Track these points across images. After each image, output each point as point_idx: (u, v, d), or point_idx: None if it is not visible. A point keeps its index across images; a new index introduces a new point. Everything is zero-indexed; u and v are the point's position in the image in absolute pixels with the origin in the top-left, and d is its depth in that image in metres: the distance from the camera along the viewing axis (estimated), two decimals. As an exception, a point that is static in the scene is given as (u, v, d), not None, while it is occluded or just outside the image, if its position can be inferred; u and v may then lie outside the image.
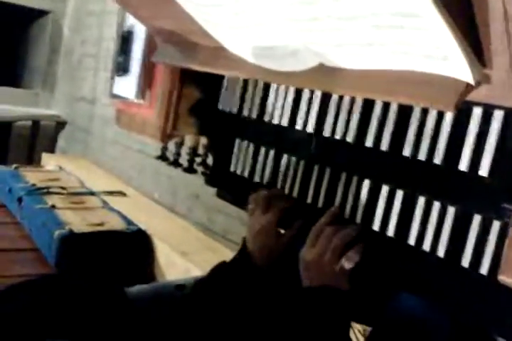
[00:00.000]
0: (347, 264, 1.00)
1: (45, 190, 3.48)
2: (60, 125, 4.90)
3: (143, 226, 3.00)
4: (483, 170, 0.84)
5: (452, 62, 0.68)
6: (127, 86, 1.49)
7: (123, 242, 2.95)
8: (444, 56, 0.69)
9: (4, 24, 4.69)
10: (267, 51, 0.95)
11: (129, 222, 3.04)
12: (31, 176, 3.74)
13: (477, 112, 0.84)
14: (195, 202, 3.08)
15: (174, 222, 3.17)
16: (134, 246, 2.95)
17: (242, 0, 0.85)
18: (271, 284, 1.15)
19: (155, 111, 1.43)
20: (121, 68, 1.51)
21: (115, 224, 3.05)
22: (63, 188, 3.55)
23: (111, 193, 3.59)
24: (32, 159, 4.60)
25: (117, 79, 1.56)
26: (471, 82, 0.68)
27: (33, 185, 3.54)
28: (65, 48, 4.94)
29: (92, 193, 3.57)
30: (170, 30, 1.18)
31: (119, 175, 3.95)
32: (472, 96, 0.71)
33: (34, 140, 4.74)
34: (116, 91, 1.58)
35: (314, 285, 1.01)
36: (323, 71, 0.89)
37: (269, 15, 0.85)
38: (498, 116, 0.82)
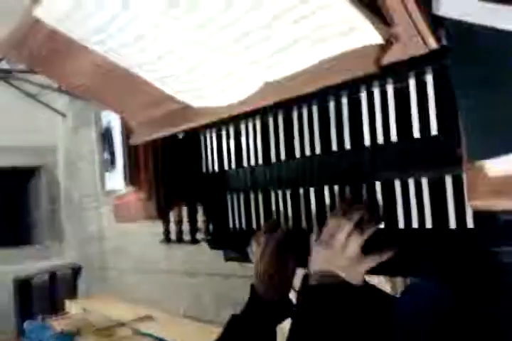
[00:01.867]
0: (375, 259, 0.99)
1: (75, 332, 3.53)
2: (77, 270, 4.98)
3: (178, 343, 3.01)
4: (433, 129, 0.91)
5: (360, 30, 0.79)
6: (116, 178, 1.59)
7: (162, 363, 2.94)
8: (351, 27, 0.79)
9: (2, 188, 4.91)
10: (217, 85, 1.06)
11: (163, 342, 3.06)
12: (59, 323, 3.82)
13: (412, 82, 0.94)
14: (221, 303, 3.07)
15: (207, 330, 3.14)
16: (174, 363, 2.94)
17: (186, 45, 0.97)
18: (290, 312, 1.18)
19: (145, 191, 1.51)
20: (109, 164, 1.61)
21: (150, 347, 3.06)
22: (92, 326, 3.60)
23: (139, 320, 3.62)
24: (56, 308, 4.61)
25: (107, 175, 1.65)
26: (381, 41, 0.78)
27: (62, 331, 3.58)
28: (64, 195, 5.14)
29: (121, 324, 3.60)
30: (138, 107, 1.30)
31: (143, 300, 3.97)
32: (394, 58, 0.80)
33: (54, 290, 4.80)
34: (108, 187, 1.67)
35: (324, 281, 0.99)
36: (268, 87, 0.99)
37: (209, 48, 0.96)
38: (429, 77, 0.91)
